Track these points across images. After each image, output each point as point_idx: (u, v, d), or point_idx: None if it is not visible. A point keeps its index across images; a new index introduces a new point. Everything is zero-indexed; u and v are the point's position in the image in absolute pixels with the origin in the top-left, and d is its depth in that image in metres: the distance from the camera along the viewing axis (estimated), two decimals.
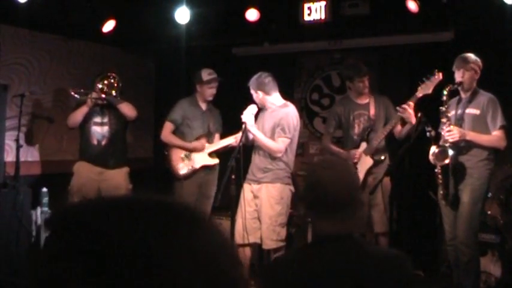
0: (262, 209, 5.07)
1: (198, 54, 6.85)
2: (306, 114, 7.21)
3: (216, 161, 5.77)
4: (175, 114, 5.78)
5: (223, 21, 6.56)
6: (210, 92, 5.79)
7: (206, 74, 5.78)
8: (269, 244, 5.07)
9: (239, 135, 5.27)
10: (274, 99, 5.20)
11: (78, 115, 5.65)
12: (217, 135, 5.89)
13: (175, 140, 5.77)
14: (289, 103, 5.30)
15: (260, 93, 5.12)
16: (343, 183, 2.02)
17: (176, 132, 5.80)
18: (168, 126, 5.78)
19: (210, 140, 5.81)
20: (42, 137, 6.50)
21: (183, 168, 5.70)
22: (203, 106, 5.87)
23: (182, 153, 5.73)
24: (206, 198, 5.77)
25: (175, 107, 5.82)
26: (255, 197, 5.14)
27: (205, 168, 5.75)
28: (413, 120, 4.84)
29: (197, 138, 5.76)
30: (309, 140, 7.22)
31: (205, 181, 5.78)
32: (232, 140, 5.50)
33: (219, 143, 5.75)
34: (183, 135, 5.78)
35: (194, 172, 5.71)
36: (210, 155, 5.76)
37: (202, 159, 5.73)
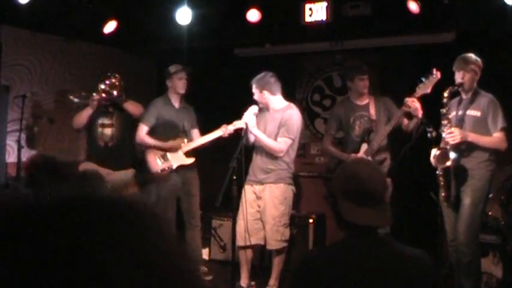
0: (265, 210, 5.06)
1: (199, 55, 6.84)
2: (307, 115, 7.21)
3: (192, 160, 5.64)
4: (148, 116, 5.67)
5: (224, 22, 6.57)
6: (180, 84, 5.68)
7: (173, 67, 5.74)
8: (273, 245, 5.06)
9: (223, 128, 5.26)
10: (278, 99, 5.20)
11: (82, 117, 5.63)
12: (195, 131, 5.80)
13: (150, 141, 5.65)
14: (292, 104, 5.30)
15: (266, 92, 5.10)
16: (379, 179, 2.16)
17: (152, 132, 5.70)
18: (141, 128, 5.65)
19: (186, 139, 5.71)
20: (43, 137, 6.50)
21: (160, 169, 5.60)
22: (176, 104, 5.76)
23: (158, 154, 5.64)
24: (191, 197, 5.69)
25: (149, 107, 5.72)
26: (258, 198, 5.13)
27: (183, 167, 5.65)
28: (420, 114, 4.82)
29: (173, 138, 5.65)
30: (310, 141, 7.22)
31: (186, 180, 5.66)
32: (219, 133, 5.40)
33: (198, 141, 5.65)
34: (159, 135, 5.67)
35: (172, 172, 5.62)
36: (187, 154, 5.65)
37: (178, 159, 5.62)
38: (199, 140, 5.66)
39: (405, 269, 2.03)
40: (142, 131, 5.65)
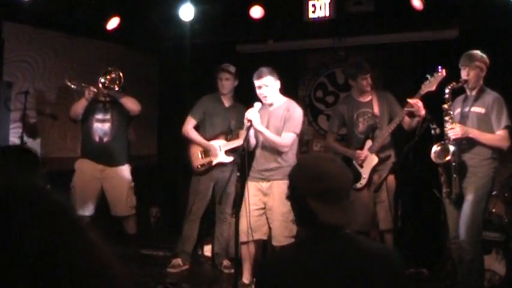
0: (274, 207, 5.02)
1: (202, 51, 6.84)
2: (311, 111, 7.20)
3: (230, 159, 5.73)
4: (196, 110, 5.86)
5: (227, 18, 6.56)
6: (219, 83, 5.83)
7: (223, 65, 5.86)
8: (281, 241, 5.00)
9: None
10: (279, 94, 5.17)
11: (77, 107, 5.65)
12: (242, 132, 5.86)
13: (193, 135, 5.83)
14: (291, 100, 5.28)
15: (279, 83, 5.07)
16: (346, 175, 2.11)
17: (199, 127, 5.87)
18: (189, 121, 5.86)
19: (229, 138, 5.81)
20: (46, 134, 6.50)
21: (200, 164, 5.77)
22: (226, 102, 5.90)
23: (201, 149, 5.80)
24: (226, 195, 5.66)
25: (198, 102, 5.90)
26: (265, 194, 5.10)
27: (221, 165, 5.78)
28: (423, 113, 4.81)
29: (216, 136, 5.79)
30: (313, 137, 7.21)
31: (222, 178, 5.72)
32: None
33: (236, 142, 5.73)
34: (204, 131, 5.84)
35: (211, 168, 5.77)
36: (227, 152, 5.77)
37: (218, 156, 5.78)
38: (238, 141, 5.70)
39: (372, 266, 1.97)
40: (189, 123, 5.85)
